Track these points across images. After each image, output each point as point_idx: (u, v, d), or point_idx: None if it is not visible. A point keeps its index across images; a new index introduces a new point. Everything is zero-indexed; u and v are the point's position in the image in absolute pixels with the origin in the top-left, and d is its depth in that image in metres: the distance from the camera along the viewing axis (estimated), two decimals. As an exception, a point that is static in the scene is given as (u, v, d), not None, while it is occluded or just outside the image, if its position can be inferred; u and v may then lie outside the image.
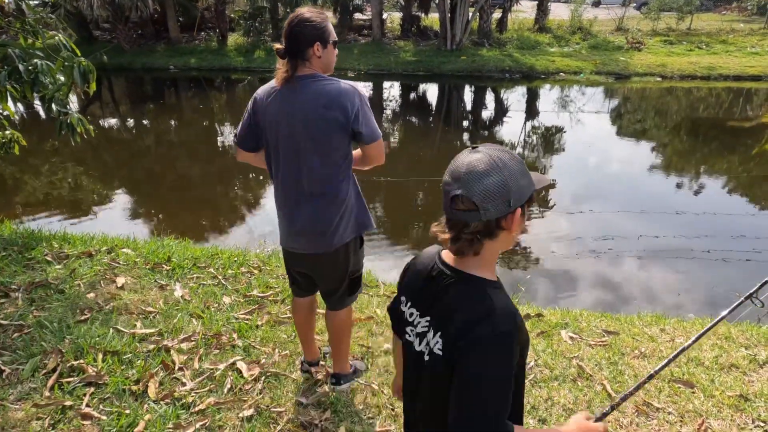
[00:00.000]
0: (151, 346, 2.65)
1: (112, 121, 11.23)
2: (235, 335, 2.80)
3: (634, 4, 24.59)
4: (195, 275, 3.50)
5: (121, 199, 6.58)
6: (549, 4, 19.91)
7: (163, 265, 3.58)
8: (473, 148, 1.07)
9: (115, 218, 5.91)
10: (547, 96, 13.88)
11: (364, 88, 2.05)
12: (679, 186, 7.38)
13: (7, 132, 4.51)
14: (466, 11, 16.70)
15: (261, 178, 7.08)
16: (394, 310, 1.30)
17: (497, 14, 19.48)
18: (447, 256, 1.14)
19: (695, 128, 10.56)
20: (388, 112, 12.35)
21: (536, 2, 19.99)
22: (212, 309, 3.08)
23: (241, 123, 2.13)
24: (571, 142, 9.69)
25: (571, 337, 3.11)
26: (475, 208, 1.02)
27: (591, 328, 3.26)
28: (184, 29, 19.43)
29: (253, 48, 17.41)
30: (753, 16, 23.63)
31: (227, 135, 9.85)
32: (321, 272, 2.22)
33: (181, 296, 3.20)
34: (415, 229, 5.79)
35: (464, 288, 1.08)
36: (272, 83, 2.03)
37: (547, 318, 3.33)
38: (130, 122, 11.15)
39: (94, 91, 3.86)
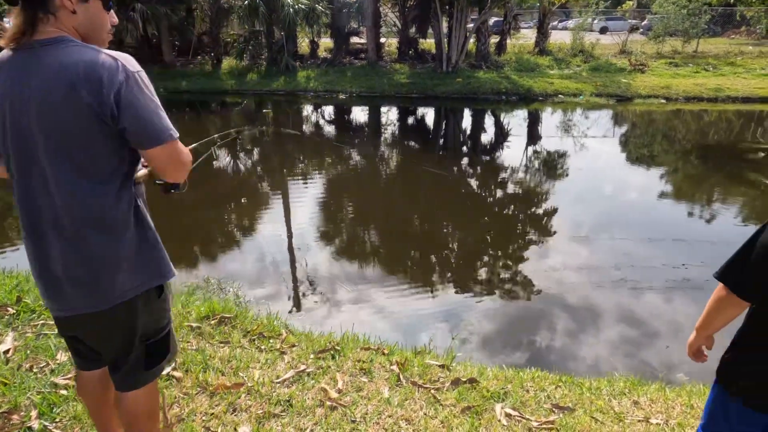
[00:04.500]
0: None
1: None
2: (33, 413, 2.06)
3: (641, 30, 24.03)
4: (42, 321, 2.80)
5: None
6: (549, 29, 19.44)
7: (9, 308, 2.88)
8: None
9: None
10: (544, 119, 13.18)
11: (138, 64, 1.34)
12: (690, 213, 6.59)
13: None
14: (461, 33, 16.27)
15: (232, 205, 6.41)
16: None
17: (496, 38, 19.07)
18: None
19: (702, 151, 9.75)
20: (386, 135, 11.76)
21: (536, 27, 19.55)
22: (35, 370, 2.36)
23: None
24: (569, 166, 8.91)
25: (507, 415, 2.32)
26: None
27: (538, 399, 2.47)
28: (181, 53, 19.31)
29: (247, 71, 17.16)
30: (762, 39, 22.95)
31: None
32: (95, 337, 1.51)
33: (4, 351, 2.48)
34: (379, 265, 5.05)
35: None
36: (6, 50, 1.34)
37: (482, 384, 2.54)
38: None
39: None
